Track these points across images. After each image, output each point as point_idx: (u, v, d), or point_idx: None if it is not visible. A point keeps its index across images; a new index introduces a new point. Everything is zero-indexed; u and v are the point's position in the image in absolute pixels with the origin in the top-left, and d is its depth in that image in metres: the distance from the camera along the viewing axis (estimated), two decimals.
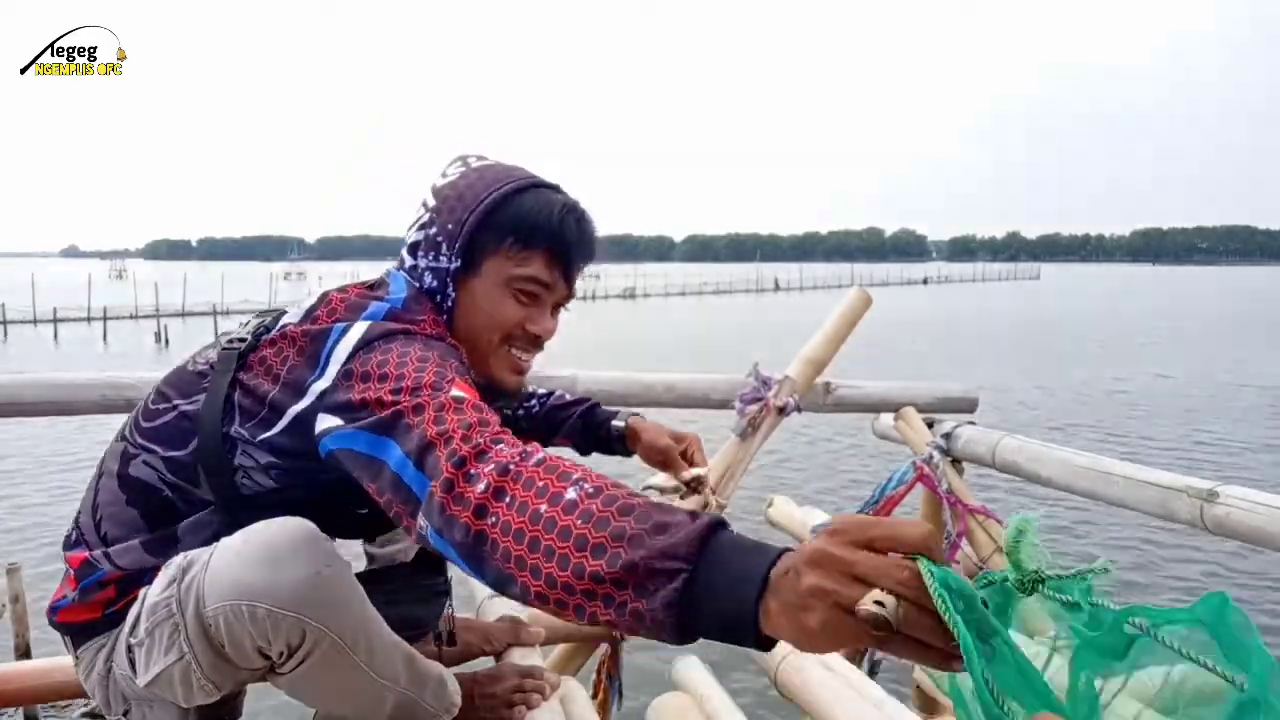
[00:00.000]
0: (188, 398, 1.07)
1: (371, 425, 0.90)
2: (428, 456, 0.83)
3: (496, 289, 1.12)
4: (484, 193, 1.10)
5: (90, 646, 1.06)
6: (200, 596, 0.91)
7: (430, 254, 1.11)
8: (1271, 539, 1.36)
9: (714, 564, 0.63)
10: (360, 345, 0.97)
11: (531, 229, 1.10)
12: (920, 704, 1.70)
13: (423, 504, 0.81)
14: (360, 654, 0.97)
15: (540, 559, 0.70)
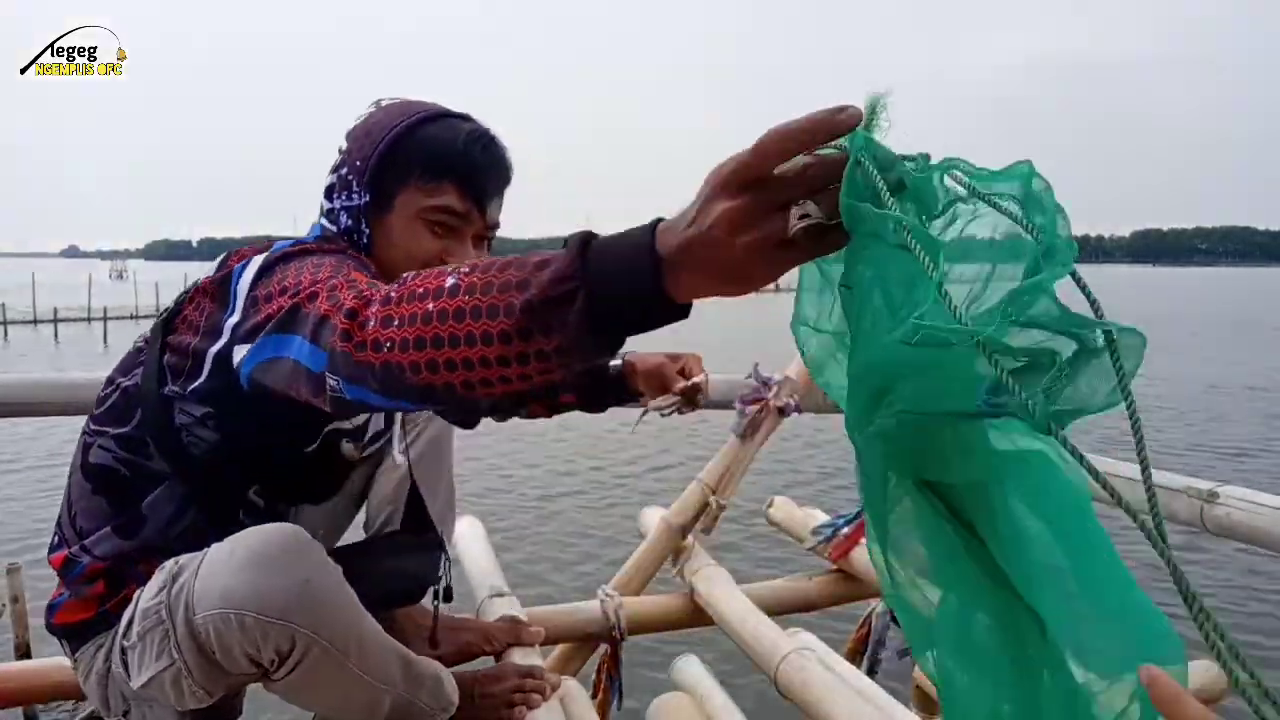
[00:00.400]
0: (127, 374, 1.09)
1: (273, 328, 0.88)
2: (323, 329, 0.80)
3: (410, 222, 1.09)
4: (389, 125, 1.09)
5: (88, 648, 1.06)
6: (190, 604, 0.91)
7: (343, 193, 1.10)
8: (1272, 540, 1.36)
9: (600, 266, 0.62)
10: (262, 271, 0.97)
11: (438, 158, 1.09)
12: (920, 704, 1.70)
13: (326, 367, 0.78)
14: (352, 658, 0.97)
15: (449, 351, 0.68)
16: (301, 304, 0.85)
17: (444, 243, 1.11)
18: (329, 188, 1.13)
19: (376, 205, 1.09)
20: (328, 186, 1.13)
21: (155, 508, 1.05)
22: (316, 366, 0.79)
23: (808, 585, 1.93)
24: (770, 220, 0.56)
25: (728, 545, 5.76)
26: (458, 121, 1.12)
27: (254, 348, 0.91)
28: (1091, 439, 9.91)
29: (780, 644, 1.39)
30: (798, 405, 1.85)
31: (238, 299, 0.97)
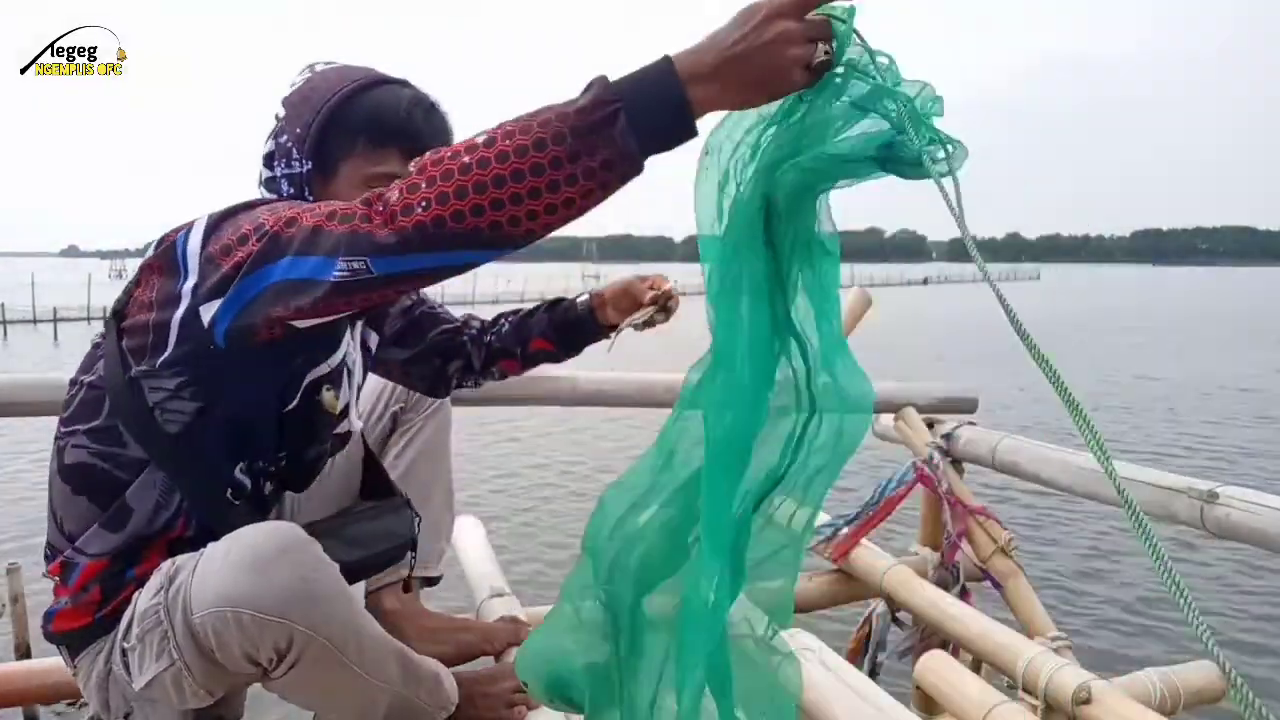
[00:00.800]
0: (89, 371, 1.08)
1: (248, 269, 0.91)
2: (320, 236, 0.86)
3: (354, 190, 1.07)
4: (329, 93, 1.09)
5: (88, 653, 1.06)
6: (187, 604, 0.91)
7: (283, 161, 1.10)
8: (1272, 540, 1.36)
9: (633, 90, 0.77)
10: (210, 230, 0.98)
11: (381, 125, 1.09)
12: (920, 704, 1.70)
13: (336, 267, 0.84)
14: (350, 656, 0.97)
15: (494, 192, 0.78)
16: (279, 233, 0.89)
17: None
18: (268, 155, 1.11)
19: (320, 173, 1.10)
20: (266, 154, 1.12)
21: (139, 497, 1.04)
22: (316, 272, 0.86)
23: (808, 585, 1.93)
24: (807, 46, 0.75)
25: None
26: (397, 87, 1.12)
27: (228, 299, 0.93)
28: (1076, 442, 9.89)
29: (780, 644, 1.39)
30: None
31: (189, 262, 0.98)
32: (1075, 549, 6.17)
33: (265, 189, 1.12)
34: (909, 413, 2.08)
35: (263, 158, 1.12)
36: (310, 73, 1.13)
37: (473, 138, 0.81)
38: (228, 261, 0.93)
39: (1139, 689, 1.42)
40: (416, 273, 0.85)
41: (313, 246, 0.87)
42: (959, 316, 32.42)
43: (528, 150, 0.77)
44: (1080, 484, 1.69)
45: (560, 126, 0.77)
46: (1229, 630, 4.90)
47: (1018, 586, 1.81)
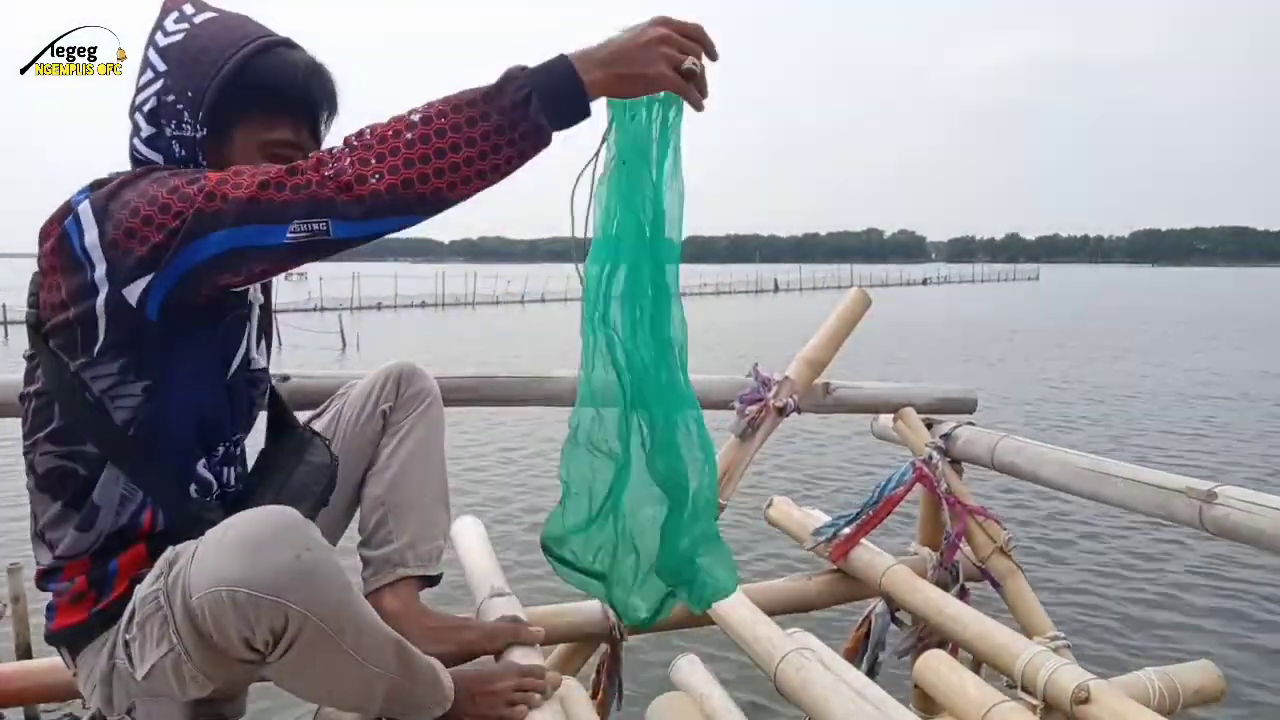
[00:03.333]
0: (31, 382, 1.09)
1: (179, 244, 0.96)
2: (258, 207, 0.94)
3: (249, 155, 1.10)
4: (220, 57, 1.07)
5: (89, 651, 1.06)
6: (186, 588, 0.92)
7: (173, 121, 1.08)
8: (1271, 541, 1.36)
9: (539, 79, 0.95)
10: (99, 215, 0.99)
11: (278, 93, 1.11)
12: (919, 703, 1.71)
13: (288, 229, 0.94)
14: (347, 640, 0.98)
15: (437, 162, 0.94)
16: (203, 209, 0.94)
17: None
18: (151, 111, 1.08)
19: (212, 137, 1.09)
20: (149, 110, 1.08)
21: (104, 494, 1.05)
22: (264, 238, 0.95)
23: (807, 585, 1.93)
24: (678, 53, 0.98)
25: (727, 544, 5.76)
26: (288, 51, 1.12)
27: (161, 275, 0.97)
28: (1092, 438, 9.91)
29: (780, 644, 1.39)
30: (797, 405, 1.86)
31: (90, 254, 0.99)
32: (1074, 549, 6.17)
33: (148, 146, 1.09)
34: (908, 413, 2.09)
35: (143, 113, 1.09)
36: (187, 23, 1.09)
37: (407, 115, 0.95)
38: (140, 244, 0.96)
39: (1137, 689, 1.43)
40: (370, 235, 0.96)
41: (254, 216, 0.94)
42: (961, 317, 32.42)
43: (461, 126, 0.93)
44: (1079, 483, 1.70)
45: (486, 107, 0.94)
46: (1228, 628, 4.90)
47: (1017, 586, 1.82)
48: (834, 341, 1.95)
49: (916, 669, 1.41)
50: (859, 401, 2.11)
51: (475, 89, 0.95)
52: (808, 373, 1.90)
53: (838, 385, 2.03)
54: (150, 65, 1.09)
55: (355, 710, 1.12)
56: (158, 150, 1.09)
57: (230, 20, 1.11)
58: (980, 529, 1.88)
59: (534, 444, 9.47)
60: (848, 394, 2.06)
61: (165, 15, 1.11)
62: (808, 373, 1.90)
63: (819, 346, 1.94)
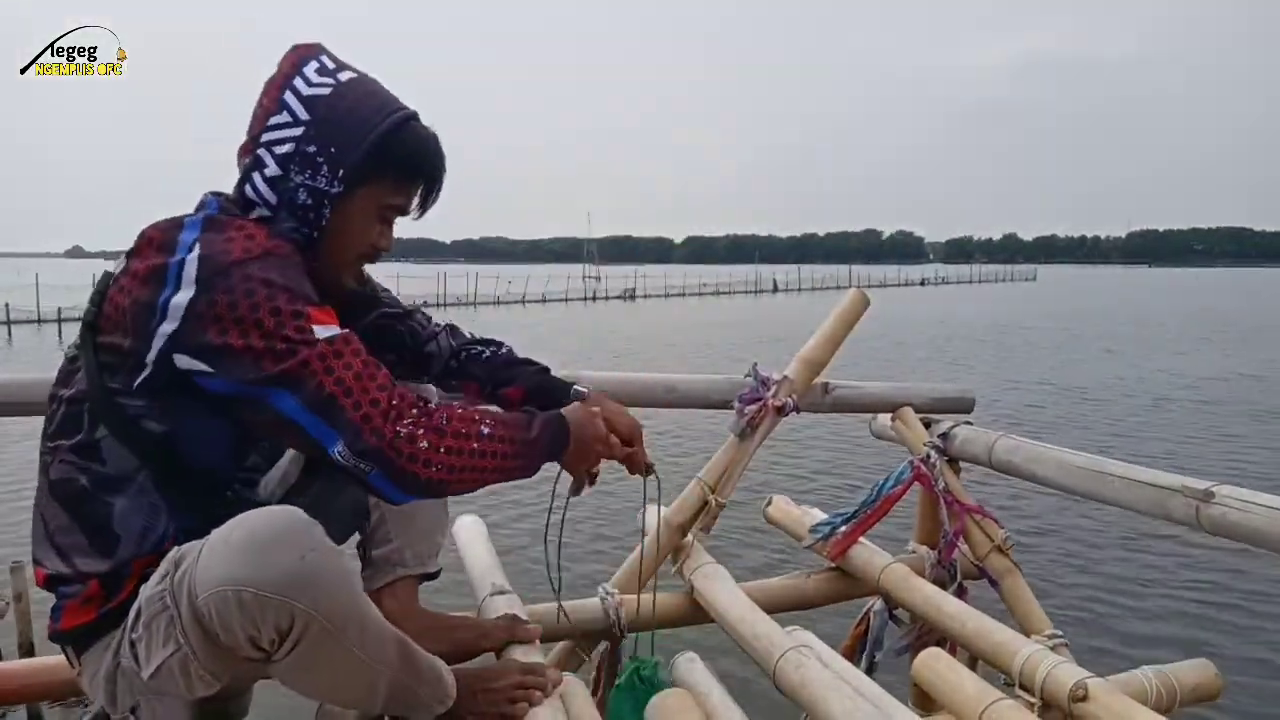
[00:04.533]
0: (67, 385, 1.09)
1: (251, 380, 0.99)
2: (331, 408, 1.00)
3: (368, 214, 1.16)
4: (368, 124, 1.11)
5: (95, 649, 1.06)
6: (192, 587, 0.93)
7: (308, 171, 1.10)
8: (1268, 540, 1.36)
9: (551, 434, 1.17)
10: (202, 281, 1.00)
11: (414, 166, 1.17)
12: (917, 701, 1.71)
13: (340, 447, 1.00)
14: (351, 638, 0.98)
15: (480, 475, 1.09)
16: (296, 373, 0.99)
17: (383, 229, 1.20)
18: (284, 155, 1.10)
19: (343, 194, 1.12)
20: (281, 153, 1.10)
21: (125, 522, 1.05)
22: (318, 434, 1.00)
23: (806, 583, 1.94)
24: (612, 446, 1.27)
25: (727, 544, 5.77)
26: (422, 127, 1.17)
27: (216, 379, 1.00)
28: (1093, 438, 9.92)
29: (779, 641, 1.40)
30: (796, 405, 1.86)
31: (170, 309, 1.00)
32: (1072, 547, 6.18)
33: (268, 185, 1.11)
34: (906, 412, 2.09)
35: (274, 153, 1.10)
36: (333, 80, 1.13)
37: (479, 422, 1.09)
38: (217, 336, 0.98)
39: (1135, 687, 1.43)
40: (395, 500, 1.06)
41: (327, 416, 1.00)
42: (960, 317, 32.39)
43: (506, 455, 1.10)
44: (1076, 483, 1.70)
45: (520, 446, 1.12)
46: (1225, 627, 4.91)
47: (1014, 584, 1.82)
48: (833, 342, 1.96)
49: (915, 666, 1.41)
50: (857, 401, 2.11)
51: (524, 424, 1.15)
52: (806, 372, 1.91)
53: (836, 385, 2.04)
54: (290, 110, 1.10)
55: (358, 708, 1.12)
56: (277, 192, 1.11)
57: (370, 85, 1.16)
58: (978, 527, 1.89)
59: None
60: (846, 394, 2.07)
61: (303, 62, 1.13)
62: (806, 372, 1.91)
63: (818, 346, 1.94)
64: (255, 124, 1.12)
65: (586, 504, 7.26)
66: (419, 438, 1.02)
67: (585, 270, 66.76)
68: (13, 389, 1.61)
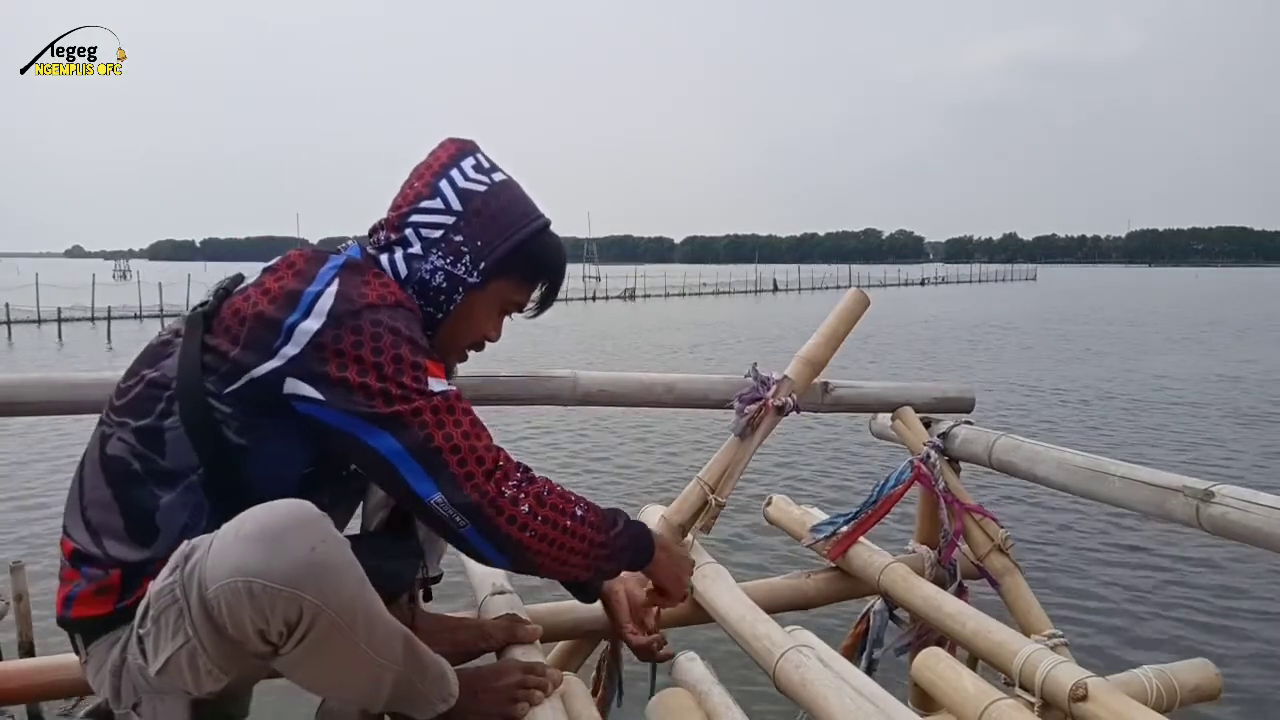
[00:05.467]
0: (153, 366, 1.10)
1: (360, 414, 1.04)
2: (435, 460, 1.04)
3: (492, 306, 1.26)
4: (515, 227, 1.21)
5: (103, 642, 1.07)
6: (202, 580, 0.93)
7: (450, 258, 1.18)
8: (1268, 539, 1.36)
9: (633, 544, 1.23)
10: (333, 317, 1.05)
11: (544, 270, 1.28)
12: (917, 701, 1.71)
13: (439, 497, 1.05)
14: (359, 632, 0.98)
15: (561, 551, 1.13)
16: (407, 419, 1.04)
17: (498, 321, 1.29)
18: (431, 239, 1.18)
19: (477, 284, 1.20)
20: (428, 237, 1.18)
21: (168, 518, 1.06)
22: (417, 483, 1.05)
23: (806, 583, 1.94)
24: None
25: (727, 543, 5.77)
26: (554, 235, 1.28)
27: (328, 410, 1.04)
28: (1097, 440, 9.92)
29: (779, 641, 1.40)
30: (796, 404, 1.86)
31: (294, 334, 1.04)
32: (1072, 547, 6.18)
33: (405, 260, 1.17)
34: (906, 412, 2.09)
35: (420, 234, 1.18)
36: (487, 179, 1.22)
37: (575, 504, 1.15)
38: (335, 367, 1.04)
39: (1135, 686, 1.43)
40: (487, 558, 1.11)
41: (430, 466, 1.05)
42: (960, 317, 32.38)
43: (593, 544, 1.16)
44: (1076, 482, 1.70)
45: (608, 541, 1.18)
46: (1225, 627, 4.91)
47: (1014, 584, 1.82)
48: (832, 341, 1.96)
49: (915, 666, 1.41)
50: (857, 401, 2.11)
51: (611, 521, 1.20)
52: (806, 372, 1.91)
53: (836, 385, 2.04)
54: (444, 198, 1.19)
55: (362, 704, 1.12)
56: (411, 269, 1.18)
57: (518, 191, 1.26)
58: (978, 527, 1.89)
59: (534, 443, 9.47)
60: (846, 393, 2.07)
61: (462, 156, 1.23)
62: (806, 372, 1.91)
63: (817, 346, 1.94)
64: (404, 203, 1.20)
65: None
66: (521, 500, 1.08)
67: (585, 270, 66.75)
68: (13, 389, 1.61)
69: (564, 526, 1.12)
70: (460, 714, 1.18)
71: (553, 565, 1.14)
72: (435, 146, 1.26)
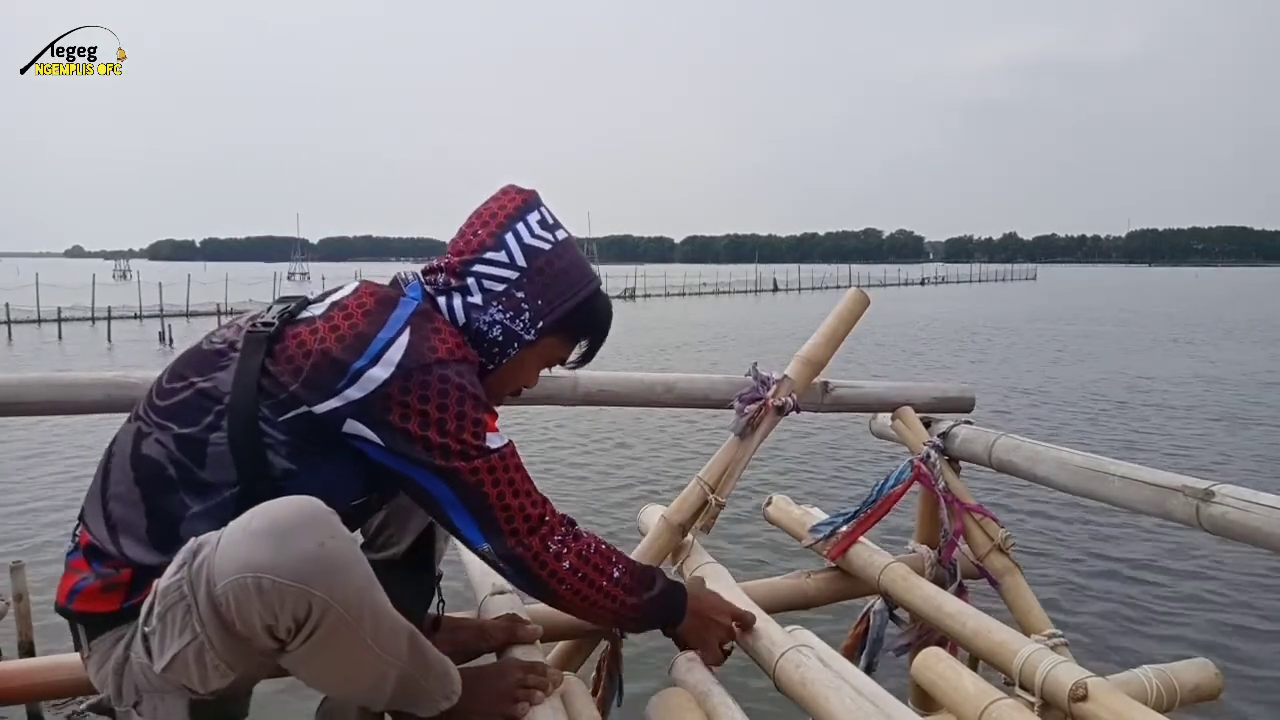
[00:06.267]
0: (203, 375, 1.10)
1: (416, 462, 1.08)
2: (487, 515, 1.12)
3: (540, 361, 1.30)
4: (575, 289, 1.24)
5: (107, 638, 1.07)
6: (211, 576, 0.93)
7: (509, 313, 1.20)
8: (1268, 539, 1.36)
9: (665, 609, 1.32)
10: (401, 371, 1.07)
11: (594, 328, 1.31)
12: (917, 700, 1.71)
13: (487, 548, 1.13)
14: (365, 628, 0.98)
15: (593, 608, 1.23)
16: (463, 474, 1.09)
17: (538, 371, 1.32)
18: (493, 291, 1.20)
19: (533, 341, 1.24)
20: (489, 289, 1.19)
21: (192, 528, 1.04)
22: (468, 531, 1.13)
23: (806, 583, 1.94)
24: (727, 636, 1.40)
25: (727, 543, 5.77)
26: (605, 296, 1.32)
27: (386, 454, 1.08)
28: (1099, 440, 9.92)
29: (779, 641, 1.40)
30: (796, 404, 1.86)
31: (363, 379, 1.06)
32: (1072, 547, 6.18)
33: (465, 313, 1.19)
34: (906, 412, 2.09)
35: (482, 285, 1.20)
36: (552, 236, 1.24)
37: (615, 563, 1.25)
38: (398, 417, 1.07)
39: (1135, 686, 1.43)
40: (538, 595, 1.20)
41: (480, 519, 1.12)
42: (959, 317, 32.39)
43: (621, 600, 1.24)
44: (1076, 482, 1.70)
45: (640, 604, 1.27)
46: (1226, 627, 4.91)
47: (1014, 584, 1.82)
48: (832, 341, 1.96)
49: (915, 666, 1.41)
50: (857, 401, 2.11)
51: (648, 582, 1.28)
52: (806, 372, 1.91)
53: (836, 384, 2.04)
54: (509, 252, 1.21)
55: (365, 701, 1.12)
56: (470, 318, 1.19)
57: (577, 253, 1.28)
58: (978, 527, 1.89)
59: (534, 442, 9.47)
60: (846, 393, 2.07)
61: (528, 209, 1.24)
62: (806, 372, 1.91)
63: (817, 346, 1.94)
64: (467, 249, 1.21)
65: (585, 504, 7.27)
66: (564, 556, 1.17)
67: None
68: (13, 389, 1.61)
69: (599, 586, 1.21)
70: (461, 713, 1.18)
71: (583, 614, 1.24)
72: (497, 192, 1.26)
